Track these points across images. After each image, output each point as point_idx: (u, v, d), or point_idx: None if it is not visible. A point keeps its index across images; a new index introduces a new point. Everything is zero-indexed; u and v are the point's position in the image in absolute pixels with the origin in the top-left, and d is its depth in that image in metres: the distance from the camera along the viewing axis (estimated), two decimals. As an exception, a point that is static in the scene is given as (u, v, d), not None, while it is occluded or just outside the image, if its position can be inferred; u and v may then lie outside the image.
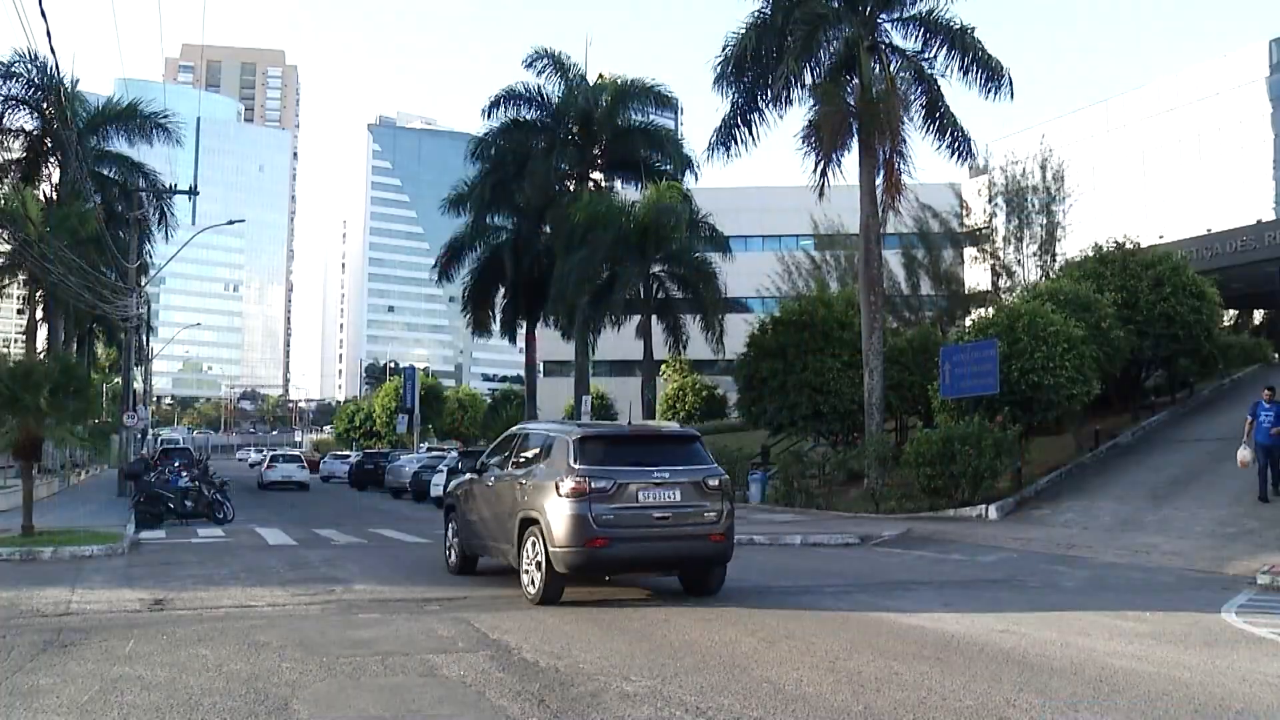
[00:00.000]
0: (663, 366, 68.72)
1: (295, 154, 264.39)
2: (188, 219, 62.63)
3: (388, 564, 17.38)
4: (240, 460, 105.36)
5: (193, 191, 45.97)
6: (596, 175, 50.71)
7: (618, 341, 48.19)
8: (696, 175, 48.01)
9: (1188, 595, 13.67)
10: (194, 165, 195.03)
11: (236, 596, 13.13)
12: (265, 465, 56.12)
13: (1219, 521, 20.73)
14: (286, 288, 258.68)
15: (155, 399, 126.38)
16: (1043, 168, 47.40)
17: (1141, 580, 15.23)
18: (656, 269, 43.83)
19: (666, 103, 49.11)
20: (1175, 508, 23.04)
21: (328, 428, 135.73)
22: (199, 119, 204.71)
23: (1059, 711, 7.24)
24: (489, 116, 49.22)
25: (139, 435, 48.26)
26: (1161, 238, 48.80)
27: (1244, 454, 21.56)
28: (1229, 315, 49.43)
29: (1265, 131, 78.96)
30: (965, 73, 31.91)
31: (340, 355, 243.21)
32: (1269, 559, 16.23)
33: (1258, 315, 54.46)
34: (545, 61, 47.98)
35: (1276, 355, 21.74)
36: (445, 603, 12.43)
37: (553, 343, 57.40)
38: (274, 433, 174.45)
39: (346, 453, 73.64)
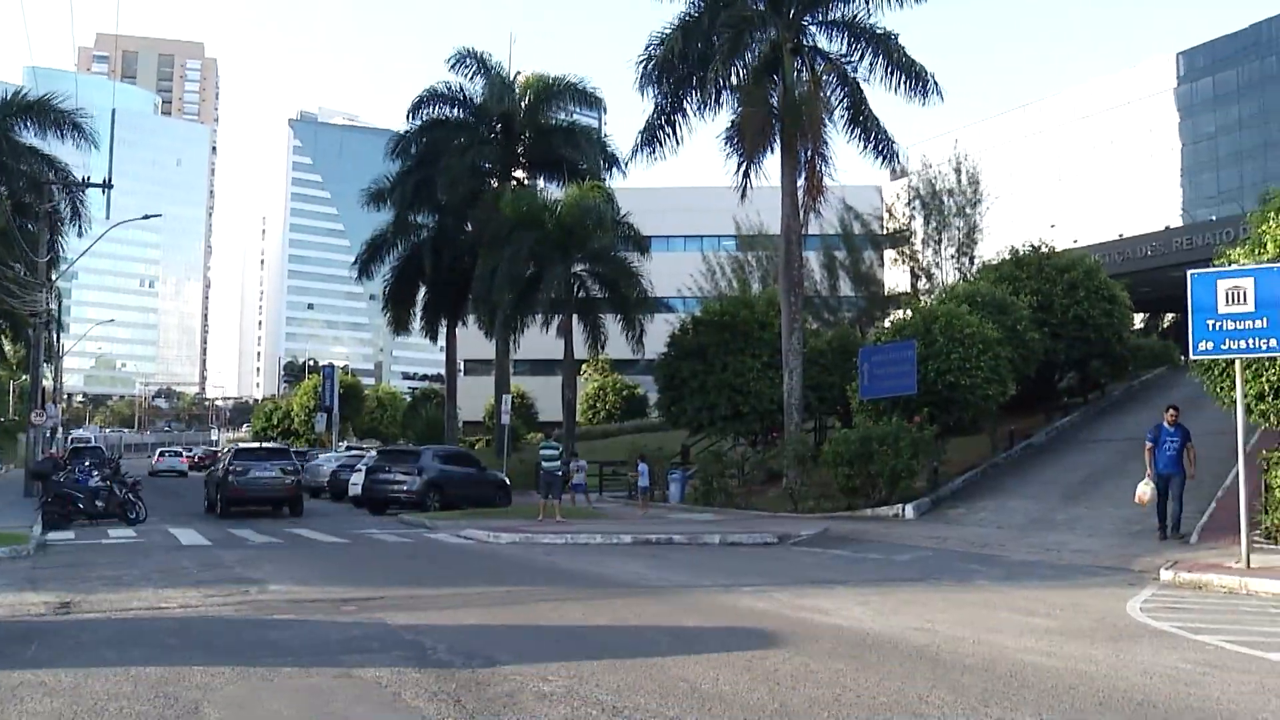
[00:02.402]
0: (584, 366, 68.63)
1: (214, 148, 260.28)
2: (101, 213, 61.41)
3: (304, 564, 17.15)
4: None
5: (107, 185, 44.96)
6: (519, 174, 50.63)
7: (539, 340, 48.09)
8: (624, 173, 48.04)
9: (1096, 592, 13.92)
10: (108, 158, 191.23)
11: (147, 598, 12.85)
12: (155, 458, 71.92)
13: (1126, 519, 21.15)
14: (204, 284, 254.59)
15: (66, 397, 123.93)
16: (959, 171, 48.06)
17: (1053, 577, 15.48)
18: (579, 268, 43.80)
19: (590, 101, 49.11)
20: (1086, 506, 23.51)
21: (245, 426, 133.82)
22: (114, 111, 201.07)
23: (970, 707, 7.32)
24: (412, 117, 48.96)
25: (48, 434, 47.22)
26: (1076, 242, 49.74)
27: (1144, 491, 18.77)
28: (1139, 319, 50.50)
29: (1174, 140, 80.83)
30: (888, 77, 32.27)
31: (259, 353, 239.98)
32: (1173, 555, 16.66)
33: (1167, 318, 55.63)
34: (469, 62, 47.77)
35: (1183, 358, 22.30)
36: (362, 602, 12.30)
37: (474, 341, 57.11)
38: (189, 431, 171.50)
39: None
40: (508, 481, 33.84)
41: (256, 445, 42.53)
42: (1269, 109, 75.72)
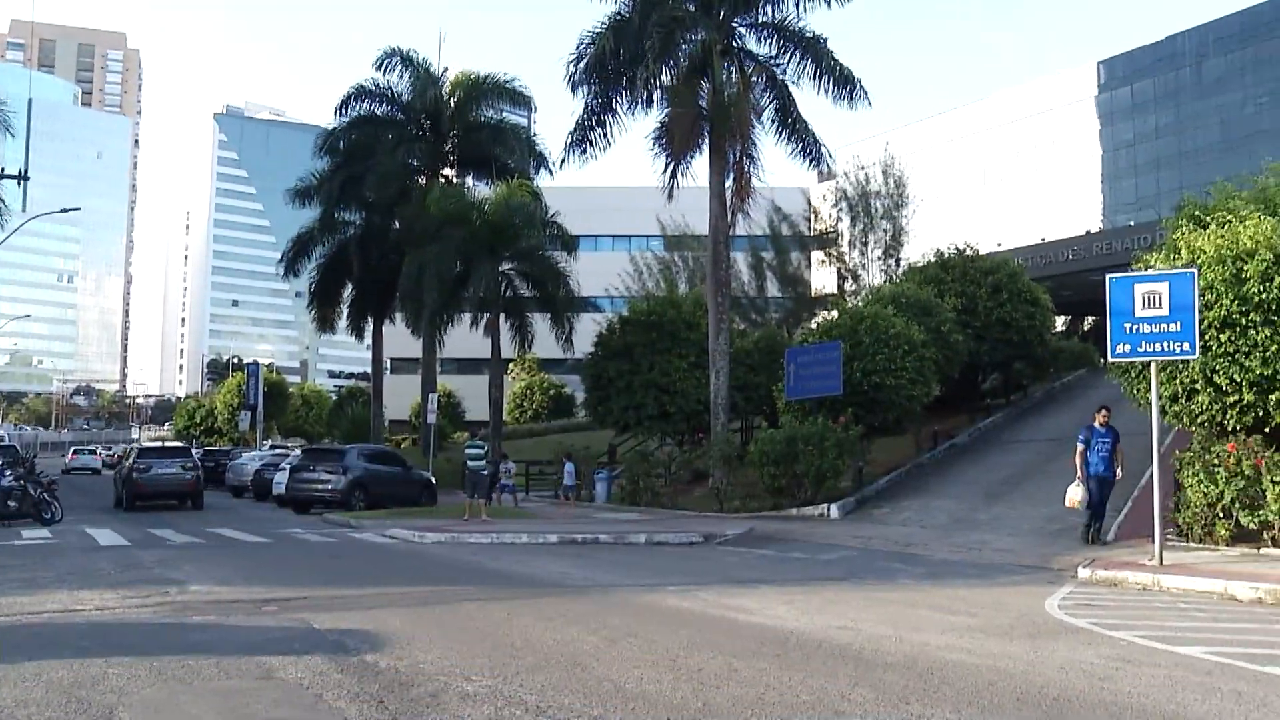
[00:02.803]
0: (511, 365, 68.45)
1: (136, 141, 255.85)
2: (18, 205, 60.08)
3: (226, 564, 16.91)
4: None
5: (22, 177, 44.07)
6: (448, 172, 50.42)
7: (466, 339, 47.85)
8: (551, 172, 47.97)
9: (1016, 590, 14.13)
10: (25, 149, 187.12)
11: (62, 600, 12.58)
12: (69, 456, 75.38)
13: (1047, 519, 21.49)
14: (125, 279, 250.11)
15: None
16: (886, 174, 48.53)
17: (974, 576, 15.69)
18: (506, 267, 43.66)
19: (519, 100, 49.03)
20: (1008, 506, 23.84)
21: (168, 424, 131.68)
22: (30, 101, 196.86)
23: (891, 704, 7.40)
24: (340, 114, 48.58)
25: (-41, 432, 46.16)
26: (1000, 245, 50.41)
27: (1075, 494, 18.46)
28: (1061, 321, 51.33)
29: (1095, 147, 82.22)
30: (816, 80, 32.51)
31: (182, 350, 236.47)
32: (1091, 554, 17.01)
33: (1087, 321, 56.55)
34: (396, 61, 47.47)
35: (1102, 360, 22.75)
36: (284, 603, 12.16)
37: (401, 340, 56.71)
38: (109, 429, 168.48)
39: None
40: (434, 481, 33.67)
41: (160, 444, 45.96)
42: (1184, 119, 77.29)
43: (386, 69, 47.63)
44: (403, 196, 47.26)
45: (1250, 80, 73.04)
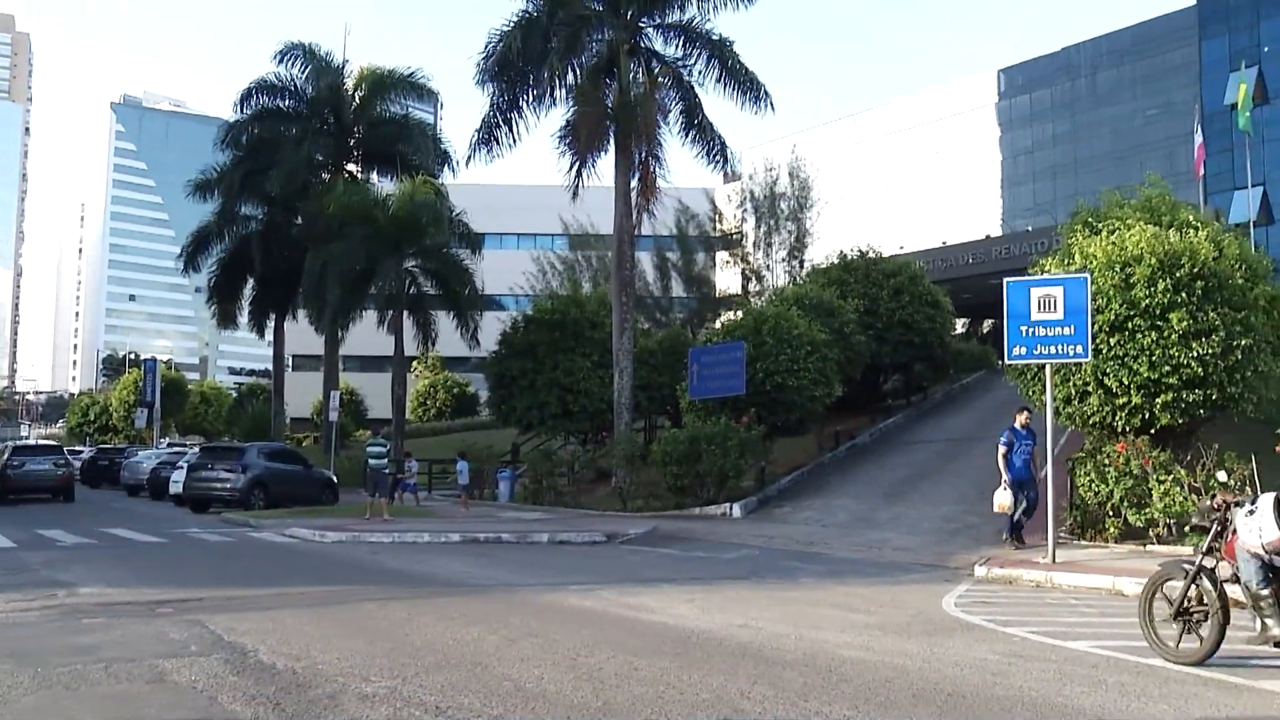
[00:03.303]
0: (415, 363, 67.94)
1: (28, 129, 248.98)
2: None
3: (119, 565, 16.53)
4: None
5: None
6: (353, 167, 49.89)
7: (370, 336, 47.39)
8: (454, 171, 47.67)
9: (914, 588, 14.35)
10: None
11: (-59, 603, 12.20)
12: None
13: (945, 518, 21.86)
14: (15, 272, 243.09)
15: None
16: (793, 176, 48.95)
17: (874, 574, 15.90)
18: (410, 264, 43.35)
19: (425, 95, 48.67)
20: (907, 505, 24.19)
21: (60, 422, 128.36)
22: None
23: (790, 702, 7.47)
24: (242, 108, 47.73)
25: None
26: (902, 248, 51.12)
27: (1004, 498, 17.86)
28: (960, 324, 52.23)
29: (994, 153, 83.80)
30: (722, 82, 32.78)
31: (75, 345, 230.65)
32: (986, 552, 17.31)
33: (986, 324, 57.58)
34: (297, 54, 46.79)
35: (1000, 362, 23.24)
36: (179, 604, 11.91)
37: (303, 336, 55.95)
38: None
39: (80, 448, 69.84)
40: (335, 479, 33.28)
41: (33, 443, 48.69)
42: (1079, 128, 79.07)
43: (289, 62, 46.97)
44: (306, 192, 46.65)
45: (1141, 93, 74.98)
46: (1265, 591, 8.59)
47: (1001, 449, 18.19)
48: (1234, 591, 9.11)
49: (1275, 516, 8.44)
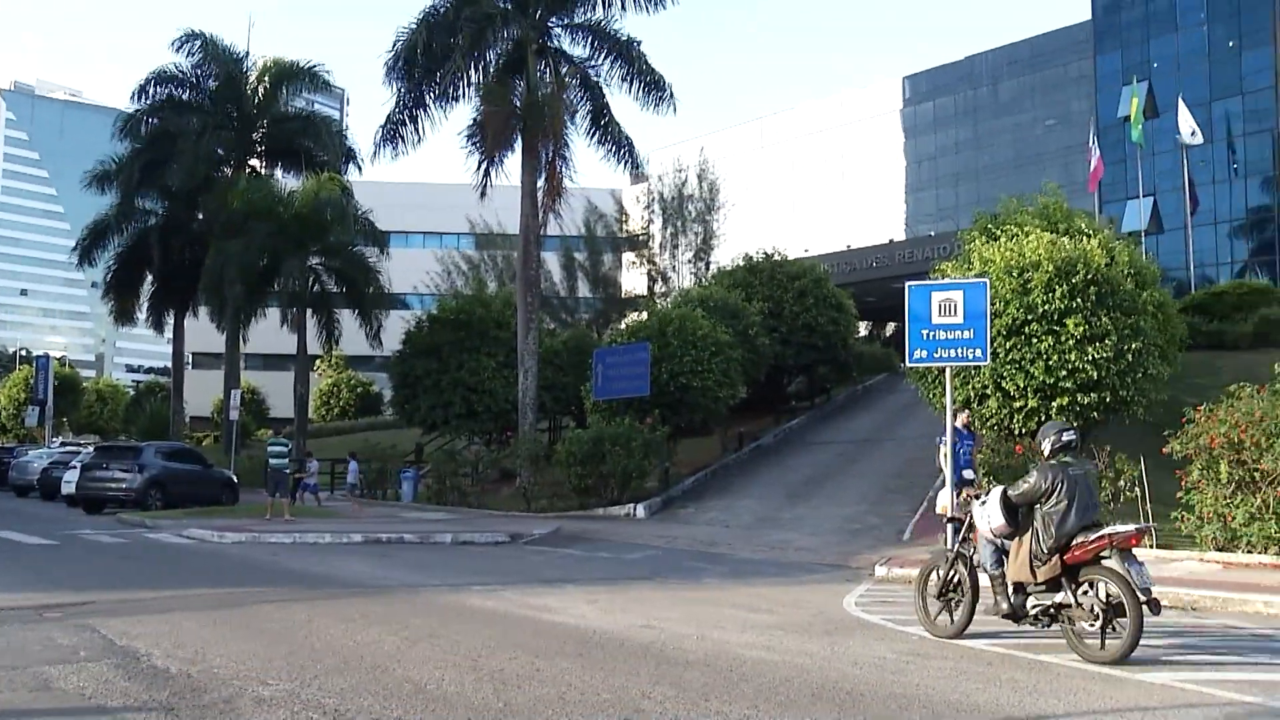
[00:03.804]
0: (318, 361, 67.14)
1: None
2: None
3: (3, 568, 16.01)
4: None
5: None
6: (256, 162, 49.10)
7: (272, 334, 46.72)
8: (360, 168, 47.17)
9: (815, 588, 14.49)
10: None
11: None
12: None
13: (847, 518, 22.11)
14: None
15: None
16: (701, 178, 49.18)
17: (776, 575, 16.03)
18: (314, 262, 42.84)
19: (330, 90, 48.13)
20: (810, 506, 24.42)
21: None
22: None
23: (691, 702, 7.49)
24: (140, 98, 46.65)
25: None
26: (807, 251, 51.60)
27: (947, 501, 16.24)
28: (864, 326, 52.87)
29: (899, 159, 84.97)
30: (628, 81, 32.82)
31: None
32: (887, 552, 17.54)
33: (889, 327, 58.32)
34: (197, 44, 45.87)
35: (902, 365, 23.63)
36: (69, 608, 11.57)
37: (204, 334, 54.93)
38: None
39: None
40: (236, 479, 32.74)
41: None
42: (981, 135, 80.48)
43: (188, 52, 46.01)
44: (208, 186, 45.83)
45: (1039, 103, 76.55)
46: (996, 572, 9.94)
47: (942, 449, 17.48)
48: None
49: (1001, 508, 9.71)
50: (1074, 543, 9.31)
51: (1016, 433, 20.09)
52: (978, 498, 10.32)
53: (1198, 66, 58.93)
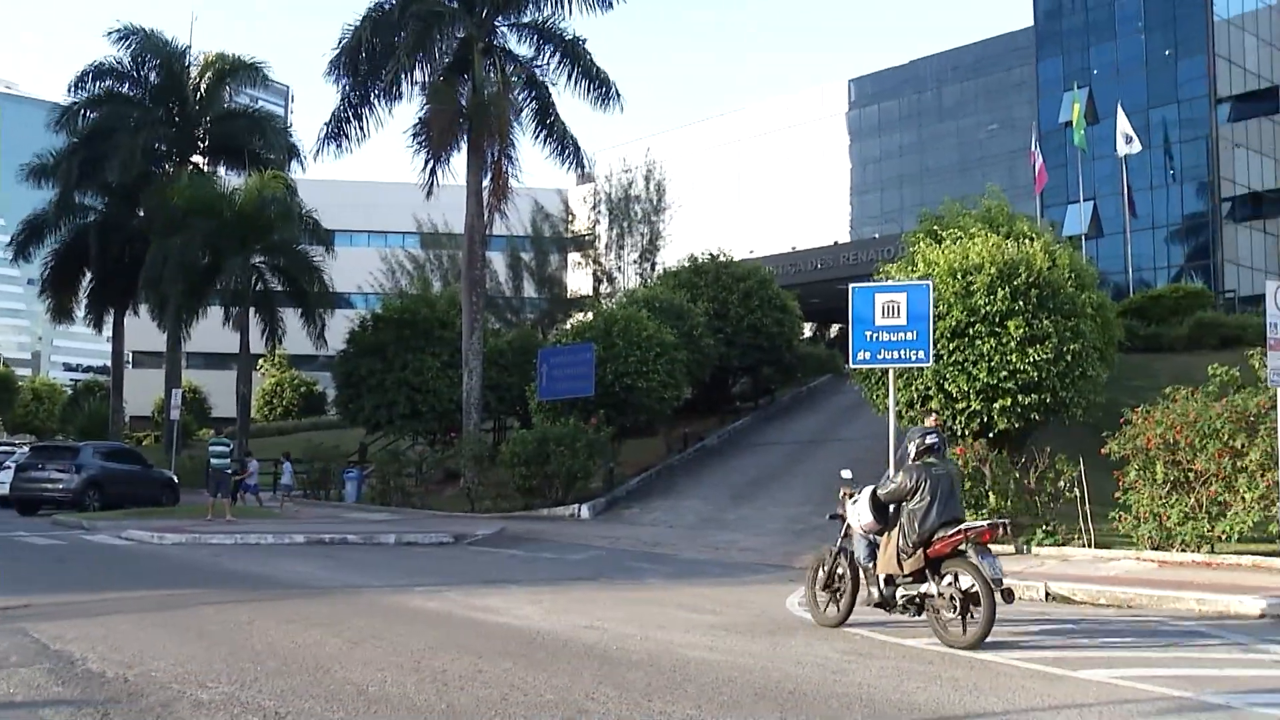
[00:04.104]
0: (261, 361, 66.55)
1: None
2: None
3: (-64, 571, 15.74)
4: None
5: None
6: (198, 159, 48.48)
7: (215, 333, 46.25)
8: (303, 166, 46.78)
9: (759, 588, 14.55)
10: None
11: None
12: None
13: (790, 519, 22.21)
14: None
15: None
16: (647, 179, 49.22)
17: (720, 575, 16.09)
18: (258, 260, 42.45)
19: (273, 86, 47.66)
20: (754, 507, 24.52)
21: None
22: None
23: (634, 702, 7.49)
24: (77, 90, 45.90)
25: None
26: (752, 252, 51.76)
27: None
28: (809, 328, 53.09)
29: (845, 161, 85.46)
30: (574, 81, 32.87)
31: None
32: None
33: (833, 329, 58.59)
34: (136, 37, 45.20)
35: (846, 366, 23.78)
36: (0, 612, 11.39)
37: (144, 332, 54.15)
38: None
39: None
40: (176, 480, 32.39)
41: None
42: (925, 139, 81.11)
43: (127, 45, 45.32)
44: (148, 182, 45.19)
45: (983, 107, 77.24)
46: (869, 564, 10.70)
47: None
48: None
49: (871, 507, 10.61)
50: (935, 538, 10.06)
51: (959, 434, 20.27)
52: (851, 496, 11.11)
53: (1136, 74, 59.79)
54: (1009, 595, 9.80)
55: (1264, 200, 58.79)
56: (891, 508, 10.53)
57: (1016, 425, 20.20)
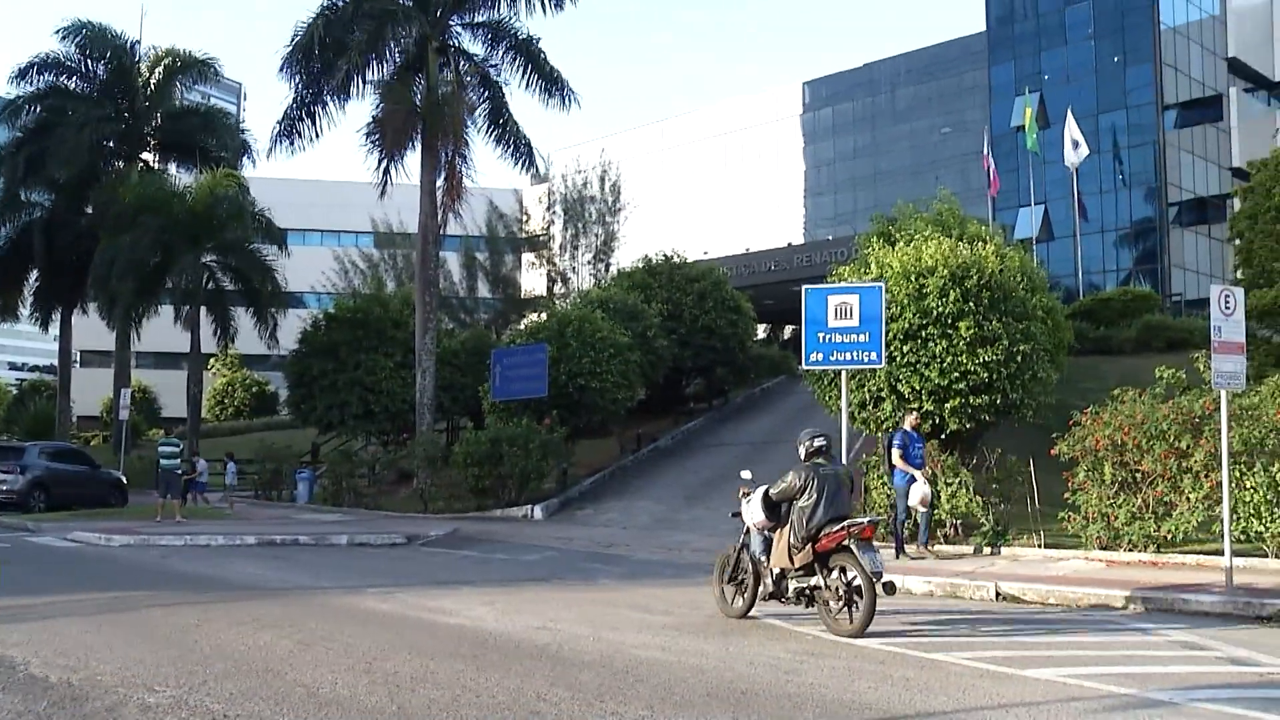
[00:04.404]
0: (212, 360, 65.97)
1: None
2: None
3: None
4: None
5: None
6: (148, 156, 47.94)
7: (165, 332, 45.79)
8: (254, 163, 46.40)
9: (712, 589, 14.56)
10: None
11: None
12: None
13: (744, 520, 22.23)
14: None
15: None
16: (602, 179, 49.23)
17: (673, 576, 16.10)
18: (210, 259, 42.09)
19: (226, 84, 47.20)
20: (707, 507, 24.54)
21: None
22: None
23: (586, 703, 7.49)
24: (20, 83, 45.20)
25: None
26: (706, 253, 51.86)
27: (925, 490, 17.07)
28: (762, 329, 53.25)
29: (798, 163, 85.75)
30: (527, 80, 32.85)
31: None
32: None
33: (787, 330, 58.81)
34: (84, 32, 44.58)
35: (800, 368, 23.80)
36: (-59, 615, 11.19)
37: (93, 331, 53.49)
38: None
39: None
40: (125, 480, 32.03)
41: None
42: (879, 142, 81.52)
43: (75, 39, 44.64)
44: (96, 178, 44.62)
45: (936, 110, 77.73)
46: (763, 558, 11.37)
47: (896, 451, 17.39)
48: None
49: (763, 505, 11.25)
50: (822, 533, 10.69)
51: (911, 435, 20.38)
52: (746, 495, 11.75)
53: (1086, 80, 60.43)
54: (890, 588, 10.47)
55: (1208, 205, 59.60)
56: (784, 506, 11.13)
57: (968, 426, 20.35)
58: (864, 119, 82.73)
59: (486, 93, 33.36)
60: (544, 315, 35.27)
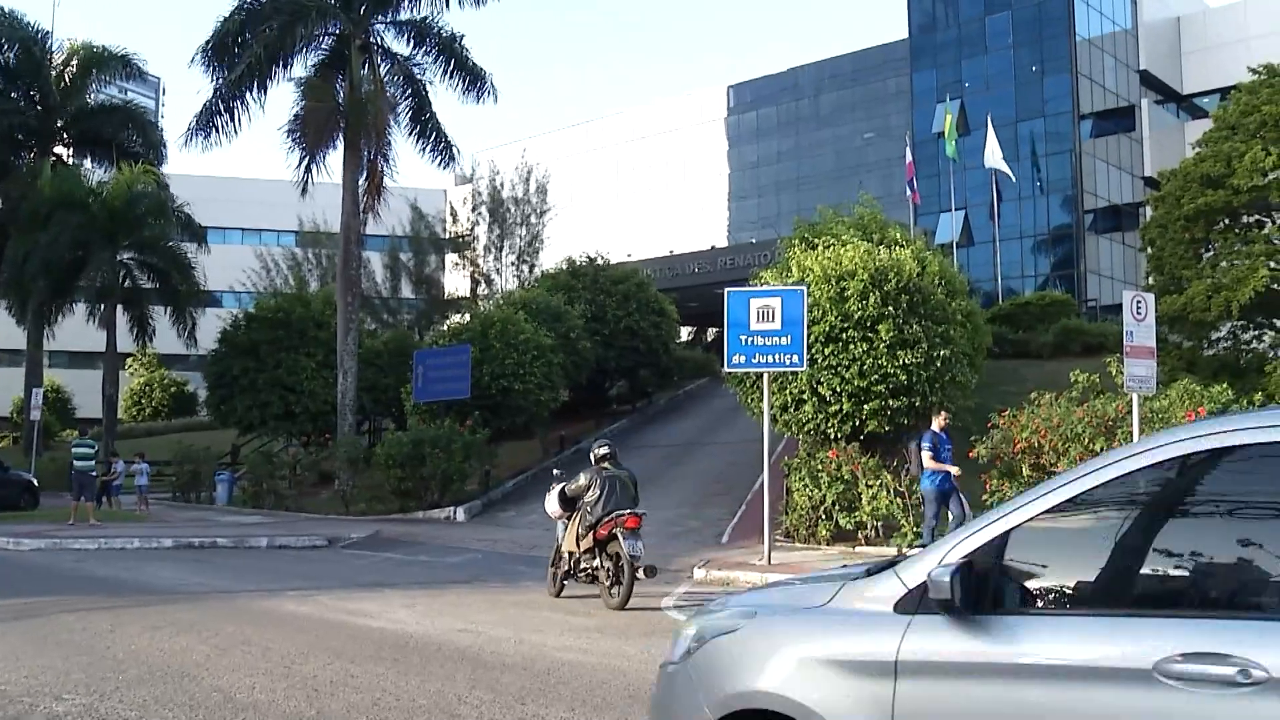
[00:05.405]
0: (129, 360, 64.85)
1: None
2: None
3: None
4: None
5: None
6: (62, 150, 47.03)
7: (80, 331, 44.95)
8: (165, 158, 45.61)
9: (634, 590, 14.58)
10: None
11: None
12: None
13: (668, 521, 22.29)
14: None
15: None
16: (526, 181, 49.12)
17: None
18: (127, 256, 41.43)
19: (145, 78, 46.40)
20: (630, 510, 24.54)
21: None
22: None
23: (507, 705, 7.49)
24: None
25: None
26: (630, 256, 51.87)
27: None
28: (686, 332, 53.41)
29: (723, 166, 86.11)
30: (450, 75, 32.72)
31: None
32: (706, 554, 17.76)
33: (711, 333, 59.01)
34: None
35: (723, 370, 23.94)
36: None
37: (3, 329, 52.43)
38: None
39: None
40: (36, 483, 31.33)
41: None
42: (802, 146, 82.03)
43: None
44: (6, 172, 43.68)
45: (860, 116, 78.38)
46: (561, 544, 13.71)
47: (926, 453, 16.23)
48: None
49: (558, 499, 13.72)
50: (599, 523, 12.82)
51: (832, 437, 20.59)
52: (550, 491, 14.03)
53: (1005, 88, 61.28)
54: (650, 571, 12.44)
55: (1122, 213, 60.72)
56: (578, 501, 13.32)
57: (887, 428, 20.59)
58: (788, 123, 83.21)
59: (410, 91, 33.17)
60: (467, 316, 35.15)
